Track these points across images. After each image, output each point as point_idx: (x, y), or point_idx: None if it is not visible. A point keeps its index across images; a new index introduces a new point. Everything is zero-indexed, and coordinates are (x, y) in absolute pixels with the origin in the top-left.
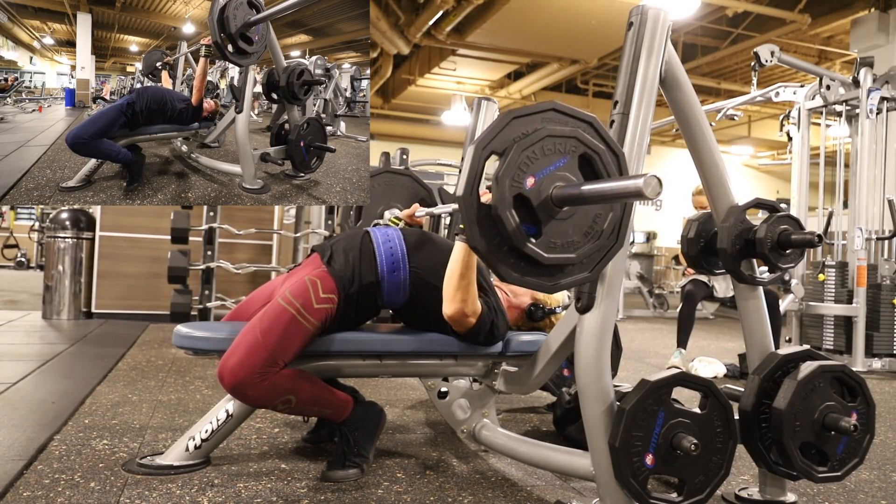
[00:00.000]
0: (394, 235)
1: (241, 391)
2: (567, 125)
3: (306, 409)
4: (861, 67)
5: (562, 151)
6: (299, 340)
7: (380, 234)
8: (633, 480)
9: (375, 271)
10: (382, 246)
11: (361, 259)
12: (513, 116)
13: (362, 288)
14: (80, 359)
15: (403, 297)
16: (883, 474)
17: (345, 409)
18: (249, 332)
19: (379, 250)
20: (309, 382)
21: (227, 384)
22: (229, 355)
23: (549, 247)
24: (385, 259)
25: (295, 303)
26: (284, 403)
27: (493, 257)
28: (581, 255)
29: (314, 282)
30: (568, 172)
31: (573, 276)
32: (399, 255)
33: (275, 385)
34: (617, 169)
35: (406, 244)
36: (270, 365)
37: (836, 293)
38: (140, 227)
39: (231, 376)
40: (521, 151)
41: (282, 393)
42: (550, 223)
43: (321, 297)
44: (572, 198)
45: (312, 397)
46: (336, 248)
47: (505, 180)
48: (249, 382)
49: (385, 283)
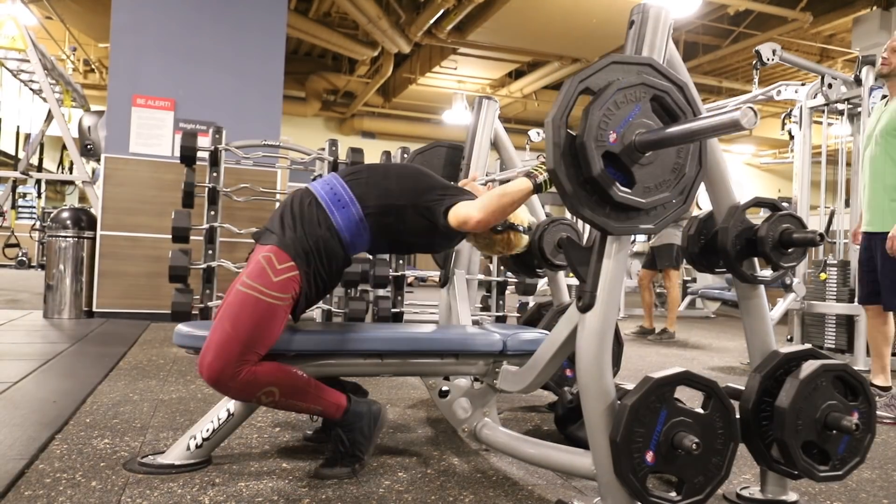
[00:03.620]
0: (330, 178)
1: (222, 385)
2: (632, 74)
3: (292, 404)
4: (863, 66)
5: (634, 100)
6: (271, 321)
7: (317, 183)
8: (632, 477)
9: (326, 217)
10: (322, 190)
11: (304, 214)
12: (579, 79)
13: (318, 241)
14: (81, 358)
15: (367, 232)
16: (884, 473)
17: (337, 409)
18: (218, 325)
19: (319, 194)
20: (291, 376)
21: (207, 380)
22: (204, 352)
23: (644, 191)
24: (330, 200)
25: (254, 284)
26: (267, 395)
27: (566, 183)
28: (675, 191)
29: (267, 257)
30: (644, 118)
31: (669, 212)
32: (341, 191)
33: (254, 375)
34: (685, 101)
35: (346, 181)
36: (247, 354)
37: (837, 292)
38: (141, 226)
39: (209, 372)
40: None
41: (262, 384)
42: (638, 169)
43: (279, 269)
44: (661, 141)
45: (296, 390)
46: (273, 222)
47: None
48: (229, 375)
49: (340, 224)
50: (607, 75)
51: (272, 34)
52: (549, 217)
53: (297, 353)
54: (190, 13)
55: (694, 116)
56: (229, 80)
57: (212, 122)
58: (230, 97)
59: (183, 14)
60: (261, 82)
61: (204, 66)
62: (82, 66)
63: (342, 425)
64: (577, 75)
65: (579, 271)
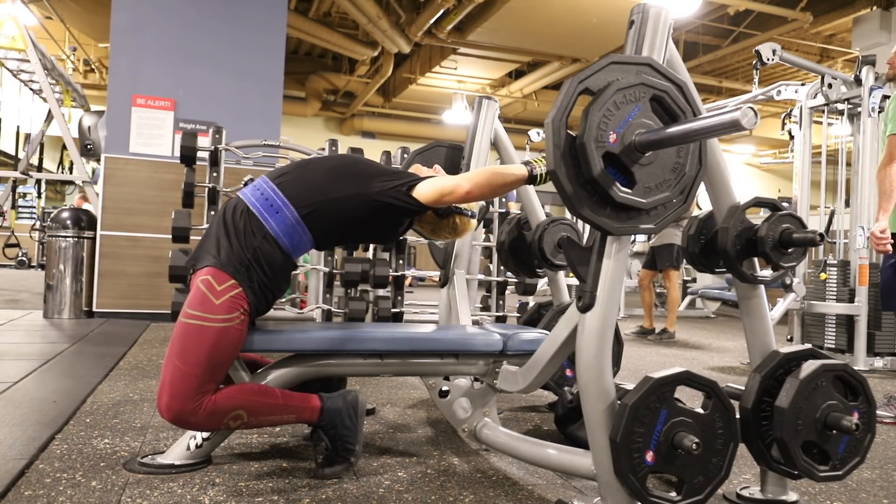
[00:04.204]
0: (259, 182)
1: (185, 422)
2: (631, 74)
3: (265, 421)
4: (863, 66)
5: (633, 100)
6: (222, 346)
7: (247, 190)
8: (632, 476)
9: (261, 225)
10: (252, 197)
11: (237, 226)
12: (579, 80)
13: (256, 252)
14: (81, 358)
15: (307, 232)
16: (885, 473)
17: (312, 412)
18: (168, 362)
19: (250, 202)
20: (254, 394)
21: (169, 420)
22: (160, 393)
23: (645, 191)
24: (262, 207)
25: (196, 313)
26: (235, 419)
27: (566, 184)
28: (675, 191)
29: (206, 281)
30: (644, 118)
31: (669, 211)
32: (272, 196)
33: (215, 405)
34: (685, 100)
35: (276, 184)
36: (203, 385)
37: (837, 292)
38: (141, 226)
39: (169, 412)
40: (600, 108)
41: (227, 411)
42: (638, 169)
43: (219, 291)
44: (661, 141)
45: (265, 408)
46: (207, 241)
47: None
48: (189, 411)
49: (276, 230)
50: (607, 76)
51: (272, 34)
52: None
53: (297, 352)
54: (190, 13)
55: (694, 116)
56: (229, 80)
57: (212, 122)
58: (230, 97)
59: (183, 14)
60: (261, 82)
61: (204, 66)
62: (82, 66)
63: (322, 426)
64: (576, 76)
65: (579, 271)
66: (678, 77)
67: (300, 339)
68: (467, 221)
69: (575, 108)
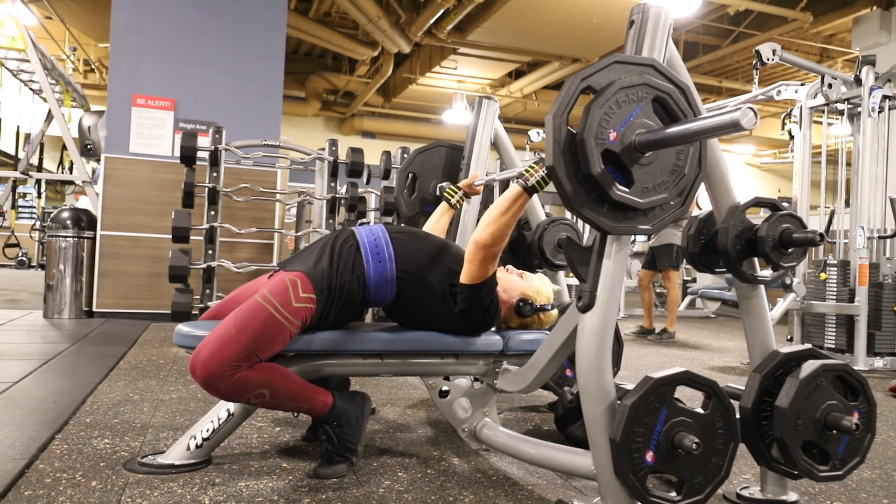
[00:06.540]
0: (377, 229)
1: (212, 384)
2: (634, 74)
3: (281, 404)
4: (863, 66)
5: (635, 100)
6: (276, 338)
7: (363, 230)
8: (632, 476)
9: (361, 265)
10: (366, 238)
11: (342, 256)
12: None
13: (344, 285)
14: (81, 358)
15: (391, 292)
16: (885, 473)
17: (324, 407)
18: (224, 325)
19: (362, 241)
20: (283, 377)
21: (198, 377)
22: (201, 348)
23: (643, 191)
24: (370, 251)
25: (273, 300)
26: (258, 397)
27: (565, 181)
28: (673, 193)
29: (294, 281)
30: (645, 118)
31: (667, 213)
32: (383, 246)
33: (247, 379)
34: (687, 103)
35: (391, 237)
36: (243, 360)
37: (837, 292)
38: (141, 226)
39: (202, 369)
40: (601, 106)
41: (254, 387)
42: (637, 169)
43: (300, 297)
44: (661, 141)
45: (287, 392)
46: (307, 254)
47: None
48: (220, 375)
49: (371, 277)
50: (609, 74)
51: (272, 34)
52: (549, 217)
53: (297, 353)
54: (190, 13)
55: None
56: (229, 80)
57: (212, 122)
58: (230, 97)
59: (183, 14)
60: (261, 82)
61: (204, 66)
62: (82, 66)
63: (330, 422)
64: (579, 73)
65: (579, 271)
66: (681, 80)
67: (300, 339)
68: (549, 315)
69: (576, 109)
